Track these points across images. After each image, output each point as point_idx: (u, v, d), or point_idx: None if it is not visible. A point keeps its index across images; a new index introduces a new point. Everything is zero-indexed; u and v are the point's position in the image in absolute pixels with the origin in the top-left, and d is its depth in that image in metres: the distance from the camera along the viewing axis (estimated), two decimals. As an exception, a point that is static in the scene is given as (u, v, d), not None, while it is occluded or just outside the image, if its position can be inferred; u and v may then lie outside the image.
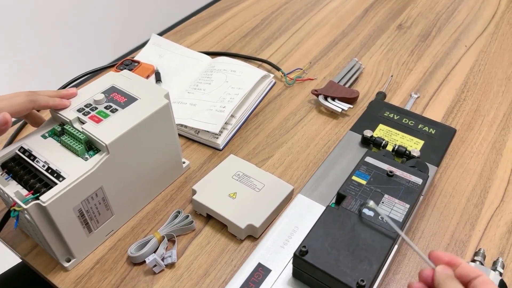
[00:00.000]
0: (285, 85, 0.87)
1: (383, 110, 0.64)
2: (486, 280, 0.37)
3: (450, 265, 0.39)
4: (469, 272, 0.38)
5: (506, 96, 0.84)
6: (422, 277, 0.40)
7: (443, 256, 0.39)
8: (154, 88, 0.62)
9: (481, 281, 0.37)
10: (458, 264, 0.39)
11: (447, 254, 0.39)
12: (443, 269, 0.38)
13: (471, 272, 0.38)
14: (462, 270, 0.38)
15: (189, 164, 0.70)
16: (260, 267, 0.45)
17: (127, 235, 0.61)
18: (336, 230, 0.43)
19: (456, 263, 0.39)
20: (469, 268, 0.38)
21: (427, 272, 0.39)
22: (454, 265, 0.39)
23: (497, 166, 0.70)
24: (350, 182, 0.48)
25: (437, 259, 0.39)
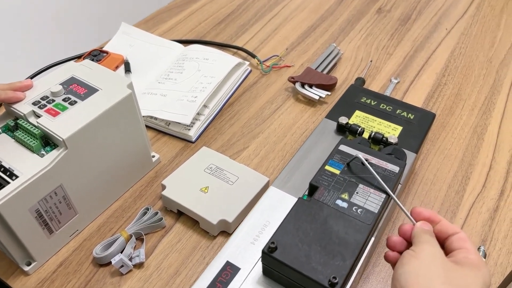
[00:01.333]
0: (261, 73, 0.84)
1: (360, 95, 0.61)
2: (463, 237, 0.37)
3: (429, 221, 0.39)
4: (447, 228, 0.38)
5: (487, 79, 0.82)
6: (402, 231, 0.40)
7: (423, 212, 0.39)
8: (117, 78, 0.58)
9: (458, 238, 0.37)
10: (438, 220, 0.39)
11: (428, 210, 0.40)
12: (421, 224, 0.39)
13: (450, 229, 0.38)
14: (441, 227, 0.38)
15: (159, 158, 0.67)
16: (228, 265, 0.42)
17: (93, 235, 0.58)
18: (307, 224, 0.41)
19: (435, 219, 0.39)
20: (448, 225, 0.38)
21: (407, 227, 0.39)
22: (434, 222, 0.39)
23: (479, 151, 0.68)
24: (322, 172, 0.46)
25: (418, 214, 0.40)
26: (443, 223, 0.39)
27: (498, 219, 0.59)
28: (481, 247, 0.52)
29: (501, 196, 0.62)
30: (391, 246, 0.39)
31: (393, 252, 0.39)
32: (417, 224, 0.39)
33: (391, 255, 0.39)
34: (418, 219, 0.39)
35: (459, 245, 0.36)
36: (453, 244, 0.37)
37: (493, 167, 0.66)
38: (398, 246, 0.39)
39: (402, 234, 0.39)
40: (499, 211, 0.60)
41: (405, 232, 0.39)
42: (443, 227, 0.38)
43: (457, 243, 0.37)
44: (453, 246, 0.37)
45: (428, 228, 0.38)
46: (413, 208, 0.40)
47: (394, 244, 0.39)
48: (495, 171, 0.65)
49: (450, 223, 0.38)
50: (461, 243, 0.37)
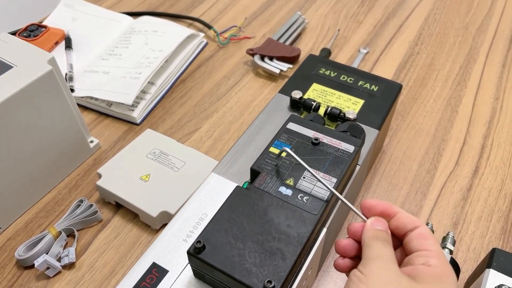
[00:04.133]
0: (219, 45, 0.76)
1: (319, 67, 0.54)
2: (424, 232, 0.31)
3: (384, 216, 0.32)
4: (405, 223, 0.31)
5: (462, 46, 0.76)
6: (351, 231, 0.33)
7: (376, 206, 0.32)
8: (37, 53, 0.50)
9: (418, 234, 0.31)
10: (394, 213, 0.32)
11: (382, 202, 0.32)
12: (372, 223, 0.32)
13: (408, 222, 0.31)
14: (398, 221, 0.32)
15: (98, 143, 0.59)
16: (154, 267, 0.36)
17: (19, 233, 0.51)
18: (244, 217, 0.34)
19: (391, 212, 0.32)
20: (405, 219, 0.32)
21: (357, 226, 0.32)
22: (389, 216, 0.32)
23: (452, 125, 0.63)
24: (266, 155, 0.39)
25: (369, 210, 0.33)
26: (400, 216, 0.32)
27: (471, 199, 0.54)
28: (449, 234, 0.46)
29: (475, 174, 0.56)
30: (341, 251, 0.33)
31: (344, 260, 0.33)
32: (368, 224, 0.32)
33: (341, 264, 0.33)
34: (370, 215, 0.33)
35: (419, 244, 0.30)
36: (412, 243, 0.30)
37: (467, 142, 0.60)
38: (349, 250, 0.33)
39: (352, 235, 0.33)
40: (472, 190, 0.55)
41: (355, 232, 0.32)
42: (400, 221, 0.32)
43: (416, 241, 0.30)
44: (412, 246, 0.30)
45: (381, 228, 0.31)
46: (363, 202, 0.33)
47: (344, 250, 0.33)
48: (469, 146, 0.60)
49: (408, 215, 0.32)
50: (421, 241, 0.30)
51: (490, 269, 0.40)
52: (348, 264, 0.33)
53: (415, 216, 0.51)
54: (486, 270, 0.40)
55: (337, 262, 0.33)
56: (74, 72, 0.67)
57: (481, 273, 0.41)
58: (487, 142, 0.60)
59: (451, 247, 0.43)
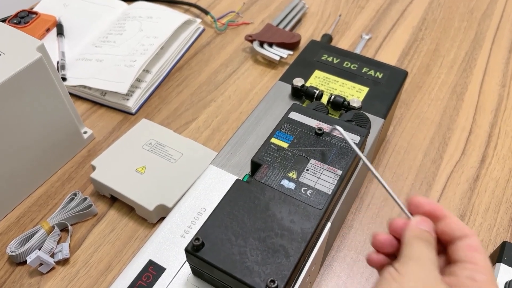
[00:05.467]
0: (216, 31, 0.74)
1: (321, 53, 0.52)
2: (475, 244, 0.27)
3: (431, 217, 0.29)
4: (454, 229, 0.28)
5: (468, 32, 0.73)
6: (393, 227, 0.29)
7: (424, 204, 0.29)
8: (25, 39, 0.47)
9: (467, 245, 0.27)
10: (442, 217, 0.29)
11: (431, 202, 0.29)
12: (418, 222, 0.28)
13: (457, 230, 0.28)
14: (446, 226, 0.28)
15: (92, 134, 0.57)
16: (151, 265, 0.34)
17: (11, 228, 0.49)
18: (244, 212, 0.33)
19: (440, 215, 0.29)
20: (455, 225, 0.28)
21: (400, 223, 0.29)
22: (437, 218, 0.29)
23: (458, 113, 0.61)
24: (267, 146, 0.37)
25: (416, 207, 0.29)
26: (450, 221, 0.29)
27: (478, 190, 0.52)
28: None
29: (482, 164, 0.55)
30: (378, 246, 0.30)
31: (379, 255, 0.30)
32: (412, 222, 0.29)
33: (375, 259, 0.30)
34: (416, 213, 0.29)
35: (466, 255, 0.27)
36: (459, 253, 0.27)
37: (474, 130, 0.59)
38: (386, 247, 0.30)
39: (392, 232, 0.30)
40: (479, 181, 0.53)
41: (397, 229, 0.29)
42: (449, 226, 0.28)
43: (463, 252, 0.27)
44: (458, 256, 0.27)
45: (427, 229, 0.28)
46: (410, 198, 0.30)
47: (381, 245, 0.30)
48: (476, 135, 0.58)
49: (459, 222, 0.29)
50: (469, 253, 0.27)
51: (500, 263, 0.39)
52: (382, 261, 0.30)
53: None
54: (496, 265, 0.39)
55: (371, 257, 0.30)
56: (66, 60, 0.65)
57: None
58: (494, 130, 0.58)
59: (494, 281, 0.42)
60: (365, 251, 0.47)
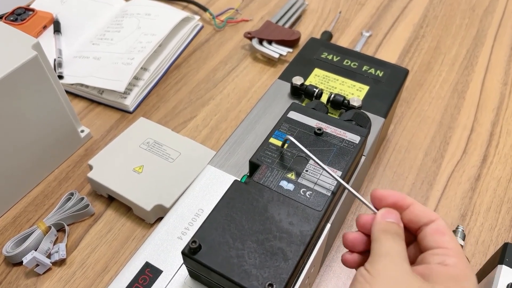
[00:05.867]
0: (215, 28, 0.73)
1: (321, 51, 0.51)
2: (441, 228, 0.27)
3: (396, 208, 0.29)
4: (420, 216, 0.28)
5: (469, 29, 0.73)
6: (360, 224, 0.30)
7: (387, 196, 0.29)
8: (20, 37, 0.47)
9: (434, 229, 0.27)
10: (407, 205, 0.29)
11: (394, 193, 0.29)
12: (383, 215, 0.28)
13: (423, 216, 0.28)
14: (412, 214, 0.28)
15: (90, 133, 0.57)
16: (147, 267, 0.34)
17: (7, 228, 0.49)
18: (242, 214, 0.32)
19: (404, 204, 0.29)
20: (420, 211, 0.28)
21: (366, 218, 0.29)
22: (401, 208, 0.29)
23: (459, 111, 0.60)
24: (266, 147, 0.37)
25: (380, 200, 0.29)
26: (414, 208, 0.29)
27: (479, 190, 0.51)
28: (459, 228, 0.44)
29: (484, 163, 0.54)
30: (349, 246, 0.30)
31: (353, 254, 0.30)
32: (378, 215, 0.28)
33: (349, 259, 0.30)
34: (381, 206, 0.29)
35: (435, 240, 0.27)
36: (427, 239, 0.28)
37: (475, 129, 0.58)
38: (358, 245, 0.30)
39: (361, 228, 0.30)
40: (481, 180, 0.52)
41: (364, 225, 0.29)
42: (414, 214, 0.28)
43: (432, 237, 0.27)
44: (427, 243, 0.27)
45: (393, 220, 0.28)
46: (373, 192, 0.30)
47: (352, 244, 0.30)
48: (477, 134, 0.57)
49: (423, 207, 0.29)
50: (437, 237, 0.27)
51: (502, 265, 0.38)
52: (357, 259, 0.30)
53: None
54: (498, 266, 0.38)
55: (345, 257, 0.30)
56: (63, 58, 0.64)
57: (492, 269, 0.39)
58: (496, 129, 0.58)
59: (462, 242, 0.41)
60: (365, 251, 0.46)
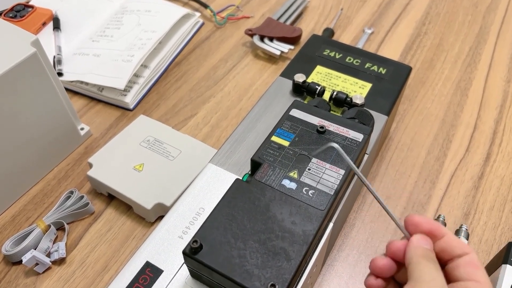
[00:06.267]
0: (216, 25, 0.72)
1: (323, 48, 0.50)
2: (474, 261, 0.27)
3: (430, 236, 0.28)
4: (453, 247, 0.27)
5: (472, 26, 0.72)
6: (391, 250, 0.28)
7: (423, 223, 0.28)
8: (19, 34, 0.46)
9: (467, 262, 0.27)
10: (442, 235, 0.28)
11: (430, 221, 0.28)
12: (419, 241, 0.27)
13: (456, 248, 0.27)
14: (446, 244, 0.28)
15: (89, 131, 0.56)
16: (148, 267, 0.33)
17: (6, 226, 0.48)
18: (244, 213, 0.32)
19: (439, 234, 0.28)
20: (454, 243, 0.28)
21: (398, 245, 0.28)
22: (436, 237, 0.28)
23: (462, 109, 0.60)
24: (268, 145, 0.36)
25: (415, 226, 0.28)
26: (448, 239, 0.28)
27: (483, 188, 0.51)
28: (462, 227, 0.44)
29: (487, 161, 0.54)
30: (377, 272, 0.29)
31: (377, 280, 0.29)
32: (414, 241, 0.27)
33: (374, 285, 0.29)
34: (415, 232, 0.28)
35: (467, 273, 0.26)
36: (459, 271, 0.27)
37: (478, 127, 0.57)
38: (386, 271, 0.28)
39: (391, 255, 0.28)
40: (484, 179, 0.52)
41: (396, 251, 0.28)
42: (448, 244, 0.28)
43: (464, 269, 0.26)
44: (459, 274, 0.27)
45: (429, 247, 0.27)
46: (408, 217, 0.28)
47: (381, 271, 0.29)
48: (480, 131, 0.57)
49: (457, 239, 0.28)
50: (469, 270, 0.26)
51: (506, 265, 0.38)
52: (381, 285, 0.29)
53: (424, 206, 0.49)
54: (502, 266, 0.38)
55: (370, 283, 0.29)
56: (62, 55, 0.64)
57: (496, 268, 0.39)
58: (499, 127, 0.57)
59: (465, 241, 0.41)
60: (368, 250, 0.46)
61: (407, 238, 0.28)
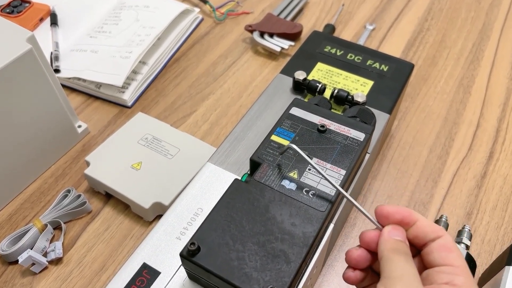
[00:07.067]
0: (215, 21, 0.72)
1: (324, 44, 0.50)
2: (448, 244, 0.27)
3: (403, 224, 0.28)
4: (426, 232, 0.28)
5: (475, 23, 0.71)
6: (364, 241, 0.29)
7: (393, 213, 0.28)
8: (15, 30, 0.45)
9: (440, 245, 0.27)
10: (414, 221, 0.28)
11: (401, 209, 0.28)
12: (390, 233, 0.28)
13: (429, 232, 0.27)
14: (418, 230, 0.28)
15: (87, 128, 0.55)
16: (145, 269, 0.33)
17: (3, 225, 0.48)
18: (243, 215, 0.31)
19: (411, 220, 0.28)
20: (426, 227, 0.28)
21: (371, 235, 0.28)
22: (408, 224, 0.28)
23: (465, 107, 0.59)
24: (267, 144, 0.35)
25: (386, 217, 0.28)
26: (420, 224, 0.28)
27: (486, 187, 0.50)
28: (465, 228, 0.43)
29: (490, 160, 0.53)
30: (353, 264, 0.29)
31: (355, 271, 0.29)
32: (385, 232, 0.27)
33: (352, 277, 0.29)
34: (387, 223, 0.28)
35: (442, 257, 0.26)
36: (434, 255, 0.27)
37: (481, 125, 0.57)
38: (362, 262, 0.29)
39: (365, 245, 0.29)
40: (487, 178, 0.51)
41: (369, 242, 0.28)
42: (421, 229, 0.28)
43: (438, 253, 0.26)
44: (433, 259, 0.26)
45: (401, 238, 0.27)
46: (378, 209, 0.29)
47: (356, 262, 0.29)
48: (483, 130, 0.56)
49: (430, 223, 0.28)
50: (444, 253, 0.26)
51: (510, 266, 0.37)
52: (359, 277, 0.29)
53: (425, 206, 0.48)
54: (505, 268, 0.37)
55: (347, 275, 0.29)
56: (60, 51, 0.63)
57: (500, 269, 0.38)
58: (502, 125, 0.57)
59: (468, 242, 0.40)
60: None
61: (380, 229, 0.28)
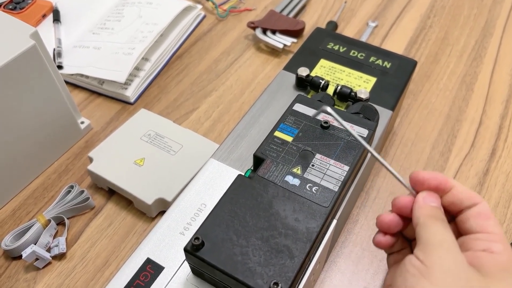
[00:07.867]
0: (217, 18, 0.72)
1: (326, 41, 0.50)
2: (485, 211, 0.26)
3: (438, 191, 0.27)
4: (462, 198, 0.26)
5: (478, 20, 0.71)
6: (397, 207, 0.28)
7: (429, 179, 0.27)
8: (18, 26, 0.45)
9: (477, 213, 0.26)
10: (449, 188, 0.27)
11: (437, 175, 0.27)
12: (425, 199, 0.26)
13: (466, 199, 0.26)
14: (454, 197, 0.26)
15: (90, 125, 0.56)
16: (148, 264, 0.33)
17: (7, 221, 0.48)
18: (246, 210, 0.31)
19: (446, 187, 0.27)
20: (462, 194, 0.26)
21: (405, 201, 0.27)
22: (443, 191, 0.27)
23: (467, 104, 0.59)
24: (271, 140, 0.35)
25: (421, 183, 0.27)
26: (456, 190, 0.26)
27: (488, 185, 0.50)
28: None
29: (492, 157, 0.53)
30: (385, 228, 0.28)
31: (386, 236, 0.28)
32: (420, 199, 0.26)
33: (382, 241, 0.29)
34: (422, 189, 0.27)
35: (478, 225, 0.25)
36: (470, 223, 0.25)
37: (484, 122, 0.57)
38: (393, 227, 0.28)
39: (397, 210, 0.28)
40: (489, 175, 0.51)
41: (402, 208, 0.27)
42: (457, 197, 0.26)
43: (474, 221, 0.25)
44: (470, 226, 0.25)
45: (436, 205, 0.26)
46: (413, 174, 0.27)
47: (388, 227, 0.28)
48: (486, 127, 0.56)
49: (466, 189, 0.26)
50: (481, 221, 0.25)
51: (512, 262, 0.37)
52: (390, 241, 0.28)
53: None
54: (508, 264, 0.37)
55: (378, 240, 0.29)
56: (62, 48, 0.63)
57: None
58: (505, 122, 0.57)
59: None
60: (371, 246, 0.45)
61: (413, 195, 0.27)
